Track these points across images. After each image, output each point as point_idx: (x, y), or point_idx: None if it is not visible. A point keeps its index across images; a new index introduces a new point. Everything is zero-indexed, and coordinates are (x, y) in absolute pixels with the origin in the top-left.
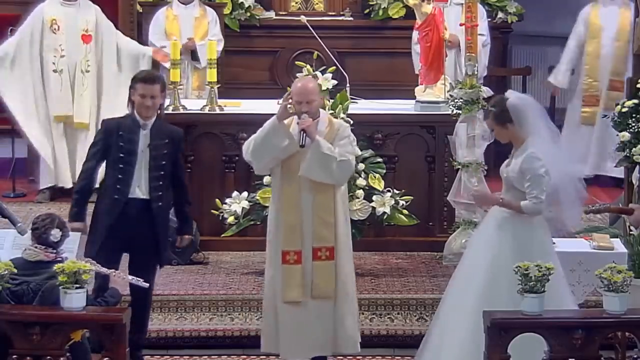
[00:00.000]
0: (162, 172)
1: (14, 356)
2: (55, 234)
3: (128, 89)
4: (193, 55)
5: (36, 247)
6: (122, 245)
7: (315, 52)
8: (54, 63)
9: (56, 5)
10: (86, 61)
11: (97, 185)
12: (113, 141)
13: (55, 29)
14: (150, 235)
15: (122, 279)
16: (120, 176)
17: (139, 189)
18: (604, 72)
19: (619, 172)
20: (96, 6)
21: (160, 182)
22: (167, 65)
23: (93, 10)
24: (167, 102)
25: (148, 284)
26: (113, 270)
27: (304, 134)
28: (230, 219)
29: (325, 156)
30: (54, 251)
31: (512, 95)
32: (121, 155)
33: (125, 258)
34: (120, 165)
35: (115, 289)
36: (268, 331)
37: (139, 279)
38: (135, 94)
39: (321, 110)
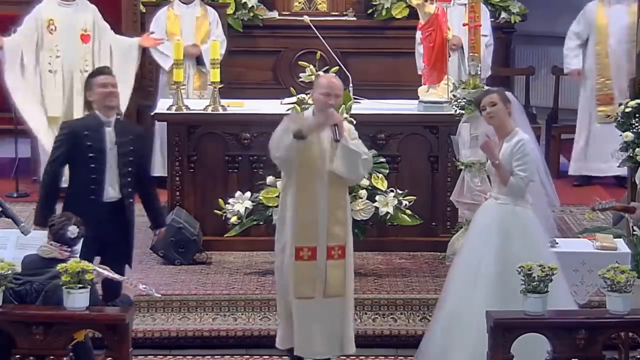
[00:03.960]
0: (130, 169)
1: (17, 356)
2: (72, 230)
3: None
4: (198, 60)
5: (51, 244)
6: (95, 248)
7: (318, 52)
8: (49, 63)
9: (54, 6)
10: (84, 61)
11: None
12: (79, 142)
13: (52, 29)
14: (122, 234)
15: (134, 286)
16: (93, 176)
17: (112, 189)
18: (615, 71)
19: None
20: (93, 6)
21: (129, 179)
22: (162, 60)
23: (91, 10)
24: (170, 102)
25: (160, 295)
26: (126, 277)
27: (337, 129)
28: (233, 219)
29: (354, 152)
30: (69, 249)
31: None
32: (91, 155)
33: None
34: (92, 165)
35: (127, 296)
36: (282, 327)
37: (151, 288)
38: (95, 89)
39: None
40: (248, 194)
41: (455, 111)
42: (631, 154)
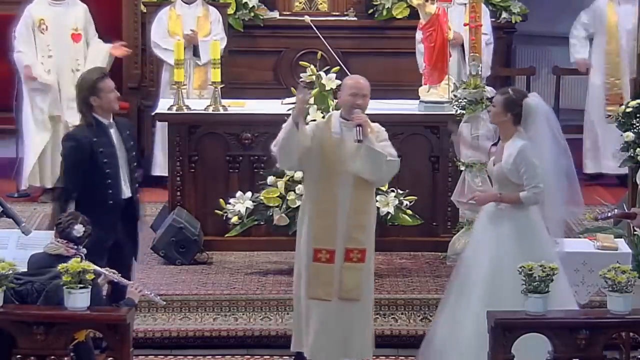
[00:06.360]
0: (135, 164)
1: (18, 356)
2: (79, 229)
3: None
4: (194, 50)
5: (58, 241)
6: (107, 249)
7: (319, 52)
8: (42, 63)
9: (44, 5)
10: (76, 60)
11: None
12: (91, 150)
13: (43, 29)
14: (131, 231)
15: (139, 291)
16: (109, 181)
17: (125, 187)
18: (626, 70)
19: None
20: (84, 5)
21: (136, 174)
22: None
23: (82, 9)
24: (170, 102)
25: (164, 302)
26: (133, 281)
27: (360, 129)
28: (234, 219)
29: (377, 153)
30: (75, 247)
31: (532, 98)
32: (105, 160)
33: None
34: (107, 170)
35: (131, 299)
36: (297, 330)
37: (156, 295)
38: (104, 94)
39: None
40: (249, 194)
41: (456, 111)
42: (632, 154)
